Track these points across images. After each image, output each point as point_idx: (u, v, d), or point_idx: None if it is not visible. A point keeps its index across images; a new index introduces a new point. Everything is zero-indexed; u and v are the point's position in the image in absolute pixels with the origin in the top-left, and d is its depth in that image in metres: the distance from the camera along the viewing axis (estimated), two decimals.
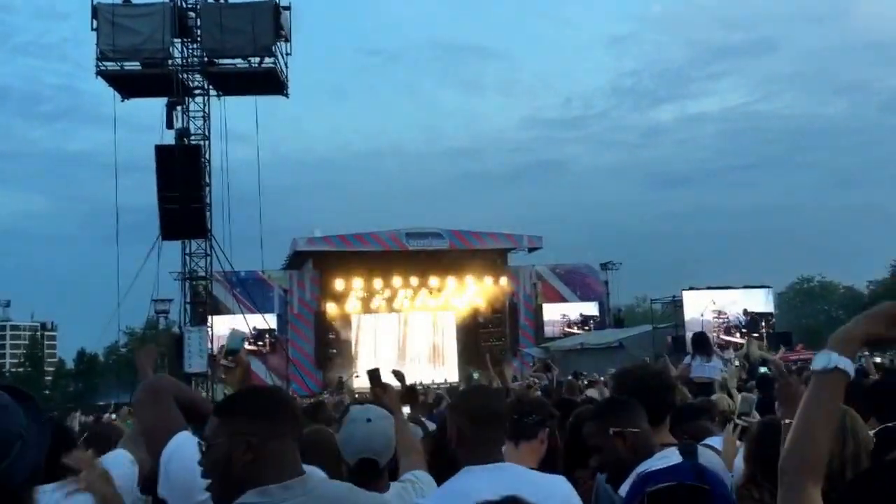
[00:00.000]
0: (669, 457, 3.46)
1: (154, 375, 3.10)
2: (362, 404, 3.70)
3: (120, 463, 3.20)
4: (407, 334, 37.72)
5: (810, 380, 2.06)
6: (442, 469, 3.56)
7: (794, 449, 1.98)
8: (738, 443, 4.52)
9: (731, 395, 8.35)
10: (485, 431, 3.22)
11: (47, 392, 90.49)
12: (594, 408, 4.38)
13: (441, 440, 3.60)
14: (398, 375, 7.34)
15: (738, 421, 5.13)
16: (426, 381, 27.42)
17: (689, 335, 21.65)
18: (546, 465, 4.27)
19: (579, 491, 3.73)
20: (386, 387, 4.40)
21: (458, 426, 3.25)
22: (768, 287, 34.31)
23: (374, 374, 4.48)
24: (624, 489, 3.61)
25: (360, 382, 31.41)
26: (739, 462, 4.02)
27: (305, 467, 2.44)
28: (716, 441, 4.59)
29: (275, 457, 2.32)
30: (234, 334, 3.55)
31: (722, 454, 4.31)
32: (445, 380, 32.86)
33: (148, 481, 3.57)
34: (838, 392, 2.02)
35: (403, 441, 3.79)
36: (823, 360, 2.01)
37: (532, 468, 4.00)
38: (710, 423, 5.98)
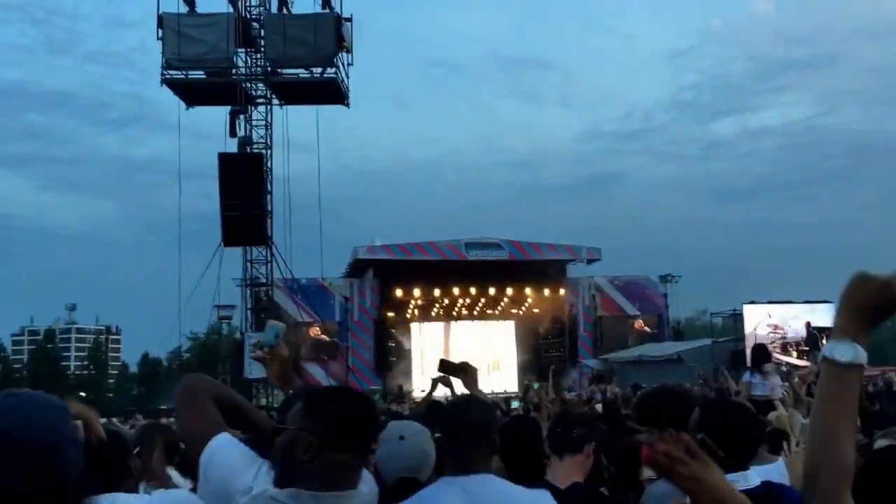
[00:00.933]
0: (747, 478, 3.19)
1: (191, 374, 3.01)
2: (400, 420, 3.71)
3: None
4: (465, 344, 37.68)
5: (826, 371, 1.95)
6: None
7: (824, 452, 1.89)
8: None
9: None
10: (461, 443, 3.16)
11: (111, 395, 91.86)
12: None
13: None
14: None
15: (796, 449, 5.01)
16: (485, 391, 27.35)
17: (749, 351, 21.33)
18: (591, 481, 4.26)
19: None
20: (464, 368, 4.43)
21: (441, 437, 3.25)
22: (830, 302, 33.63)
23: (447, 365, 4.51)
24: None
25: (422, 394, 31.43)
26: None
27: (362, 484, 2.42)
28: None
29: (328, 467, 2.30)
30: (270, 326, 3.32)
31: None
32: (505, 389, 32.83)
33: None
34: (858, 384, 1.95)
35: None
36: (849, 351, 1.91)
37: (578, 482, 4.00)
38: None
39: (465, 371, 4.39)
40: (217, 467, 2.56)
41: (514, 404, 11.76)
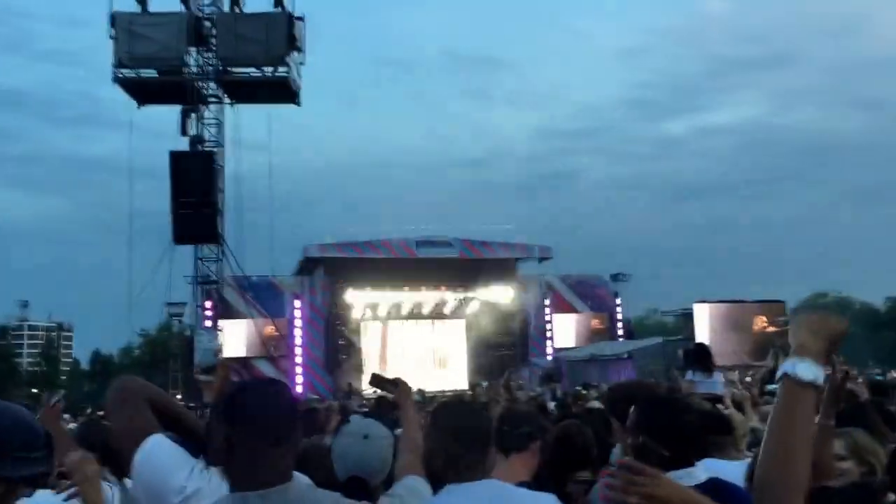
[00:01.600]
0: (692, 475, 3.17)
1: (124, 376, 2.98)
2: (364, 416, 3.69)
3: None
4: (415, 341, 37.66)
5: (786, 388, 1.99)
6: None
7: (778, 467, 1.91)
8: None
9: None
10: (470, 450, 3.08)
11: (62, 391, 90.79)
12: None
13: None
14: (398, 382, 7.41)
15: (747, 453, 5.10)
16: (433, 389, 27.34)
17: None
18: (538, 478, 4.31)
19: None
20: (395, 381, 4.45)
21: (443, 444, 3.13)
22: (782, 302, 33.83)
23: (378, 379, 4.58)
24: None
25: (371, 392, 31.35)
26: None
27: (295, 474, 2.35)
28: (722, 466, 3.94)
29: (248, 462, 2.25)
30: (205, 350, 3.25)
31: None
32: (455, 388, 32.82)
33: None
34: (813, 402, 1.98)
35: (407, 436, 3.70)
36: (811, 371, 1.96)
37: (525, 481, 4.06)
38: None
39: (397, 385, 4.43)
40: (150, 467, 2.64)
41: None
